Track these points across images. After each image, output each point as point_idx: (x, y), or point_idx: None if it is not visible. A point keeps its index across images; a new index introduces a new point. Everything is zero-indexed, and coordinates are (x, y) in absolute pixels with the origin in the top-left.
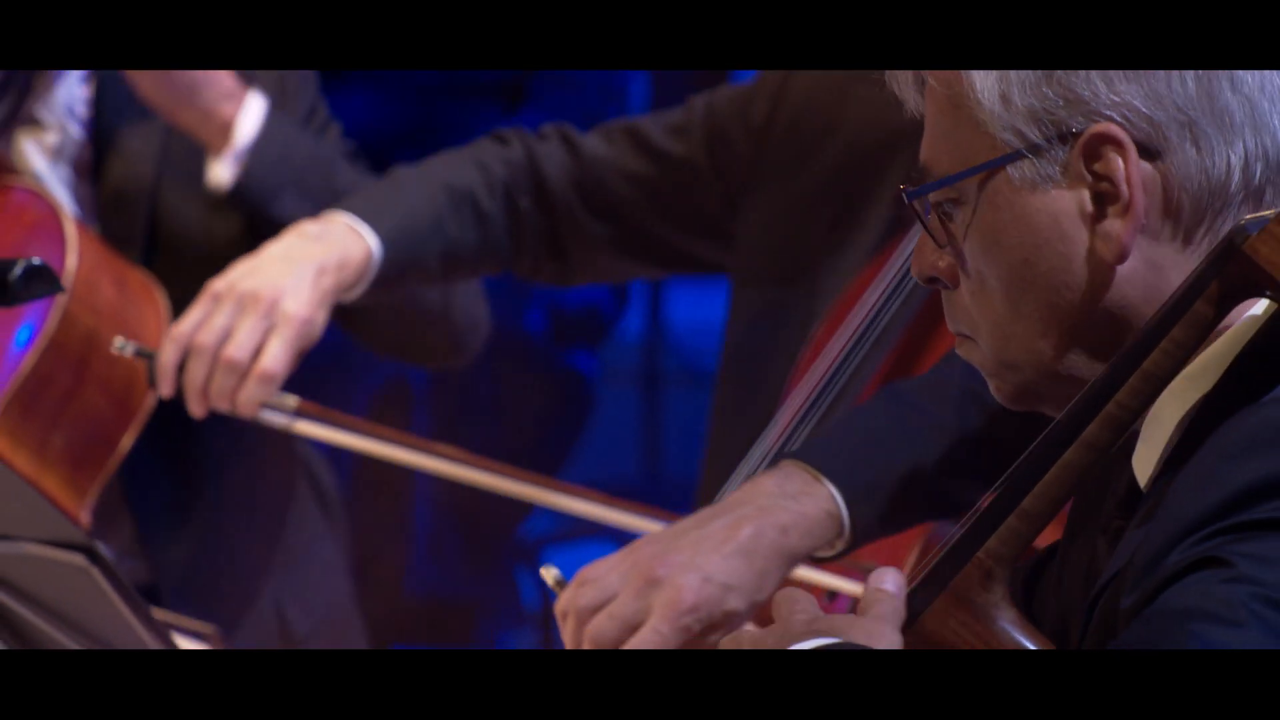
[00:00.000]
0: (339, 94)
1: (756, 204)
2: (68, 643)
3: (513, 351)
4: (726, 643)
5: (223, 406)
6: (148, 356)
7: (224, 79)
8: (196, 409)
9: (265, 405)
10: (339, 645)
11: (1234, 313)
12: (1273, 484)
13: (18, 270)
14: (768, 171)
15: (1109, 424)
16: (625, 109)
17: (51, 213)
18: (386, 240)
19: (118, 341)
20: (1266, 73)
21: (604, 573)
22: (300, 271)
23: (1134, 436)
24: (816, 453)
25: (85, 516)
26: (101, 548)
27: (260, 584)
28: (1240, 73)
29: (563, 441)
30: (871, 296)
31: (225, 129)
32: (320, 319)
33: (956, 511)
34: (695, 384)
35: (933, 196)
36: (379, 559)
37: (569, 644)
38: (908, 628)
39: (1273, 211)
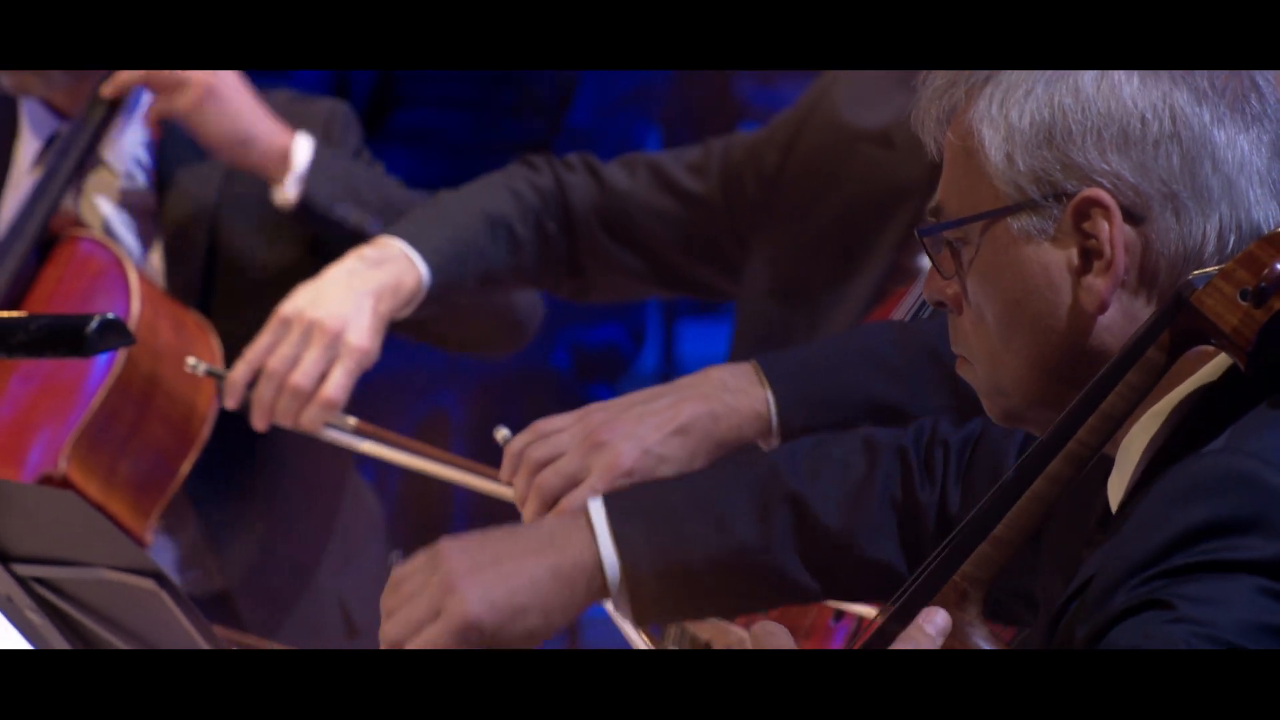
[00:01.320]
0: (380, 153)
1: (764, 244)
2: None
3: (541, 386)
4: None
5: (286, 424)
6: (218, 376)
7: (274, 124)
8: (260, 425)
9: (326, 424)
10: None
11: (1193, 359)
12: (1210, 527)
13: (94, 324)
14: (776, 216)
15: (1071, 460)
16: None
17: (116, 262)
18: (435, 266)
19: (190, 360)
20: (1246, 152)
21: (556, 430)
22: (361, 302)
23: (1110, 463)
24: (770, 360)
25: (149, 536)
26: (169, 574)
27: (323, 580)
28: (1222, 150)
29: None
30: None
31: (284, 159)
32: (378, 345)
33: None
34: None
35: (938, 236)
36: None
37: (518, 489)
38: (888, 644)
39: (1217, 268)
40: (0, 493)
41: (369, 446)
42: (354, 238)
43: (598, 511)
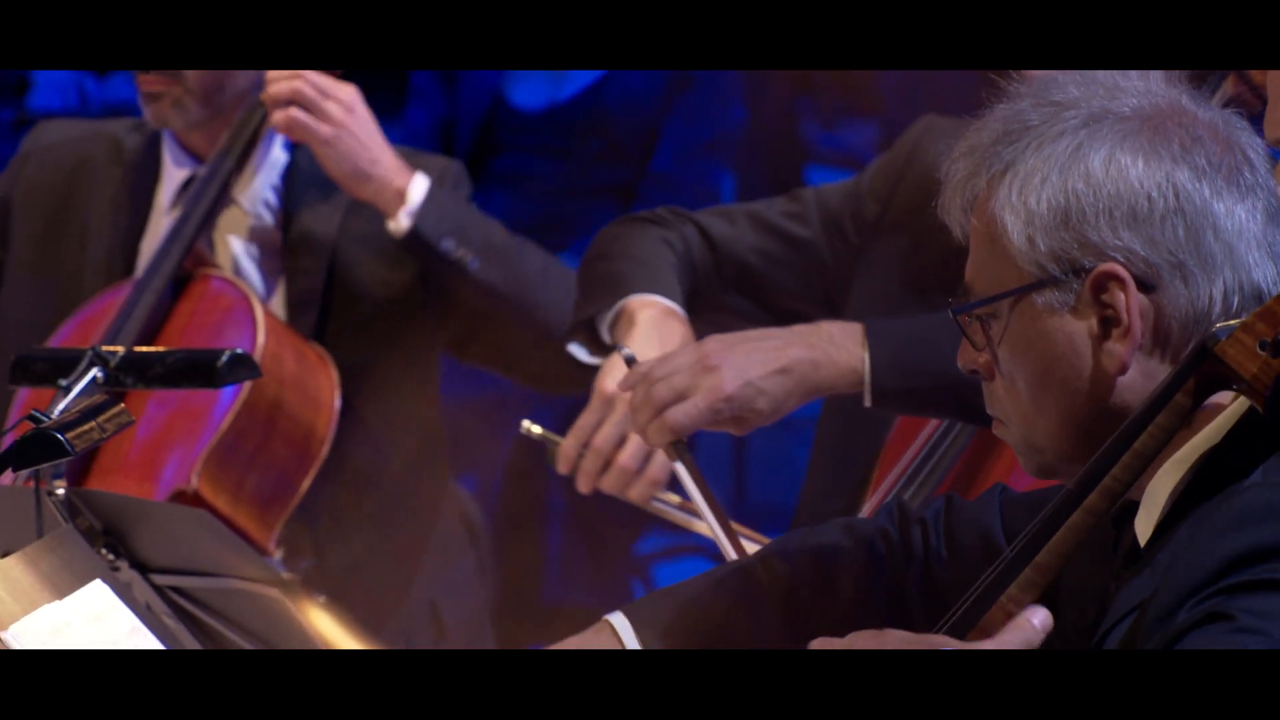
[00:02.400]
0: (479, 195)
1: (866, 285)
2: None
3: None
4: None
5: (611, 493)
6: (552, 443)
7: (396, 162)
8: (585, 490)
9: (653, 498)
10: (475, 641)
11: (1211, 404)
12: (1257, 552)
13: (224, 359)
14: (877, 261)
15: (1105, 494)
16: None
17: (244, 298)
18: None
19: (525, 423)
20: (1244, 221)
21: (676, 355)
22: None
23: (1135, 504)
24: (877, 324)
25: (272, 547)
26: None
27: (416, 580)
28: (1222, 220)
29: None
30: None
31: (400, 195)
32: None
33: (965, 417)
34: (775, 426)
35: (975, 312)
36: (521, 574)
37: (634, 397)
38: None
39: (1238, 321)
40: (139, 511)
41: (696, 523)
42: (455, 269)
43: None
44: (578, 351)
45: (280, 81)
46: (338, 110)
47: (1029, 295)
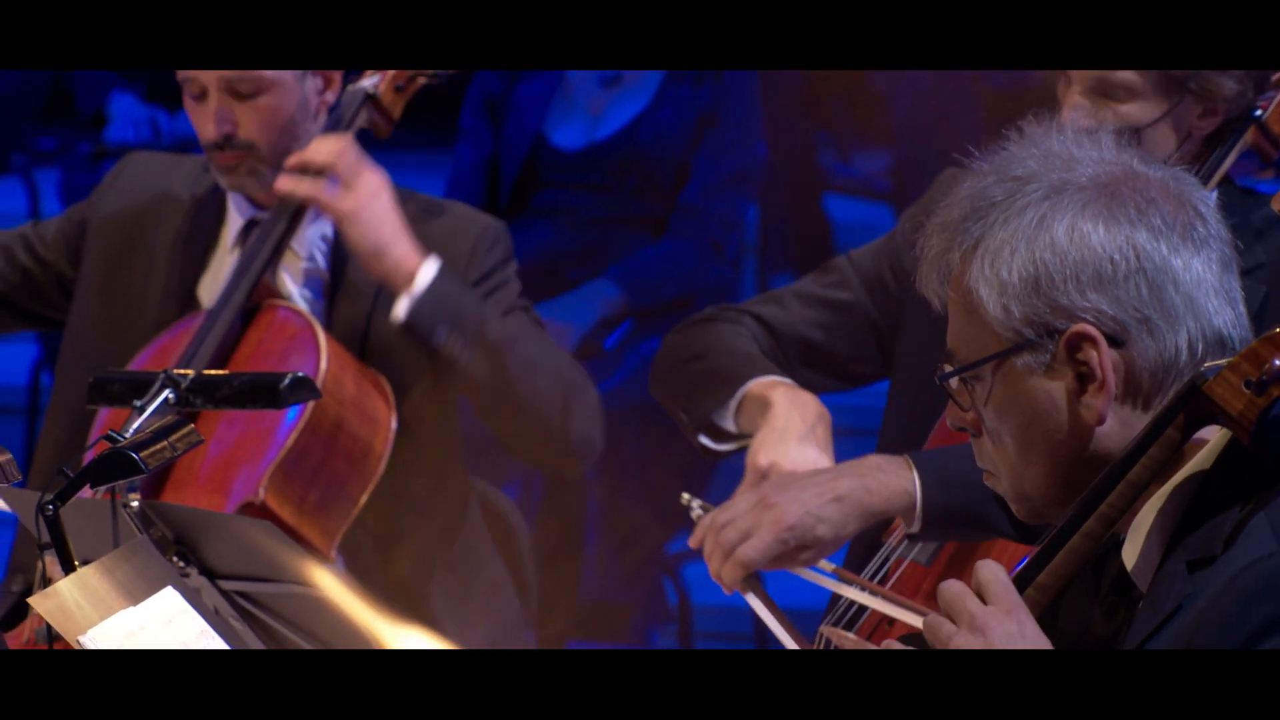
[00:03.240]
0: (523, 225)
1: (909, 333)
2: None
3: (661, 418)
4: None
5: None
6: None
7: (410, 245)
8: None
9: (813, 566)
10: (508, 641)
11: (1197, 439)
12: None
13: (286, 382)
14: (917, 308)
15: (1101, 520)
16: (743, 235)
17: (308, 326)
18: None
19: (685, 497)
20: (1201, 272)
21: (736, 501)
22: (822, 442)
23: (1121, 537)
24: (918, 455)
25: (333, 555)
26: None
27: (428, 588)
28: (1181, 274)
29: (705, 472)
30: None
31: (410, 278)
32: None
33: (1007, 532)
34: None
35: (956, 379)
36: (561, 573)
37: (706, 547)
38: None
39: (1225, 361)
40: (207, 522)
41: (846, 589)
42: (448, 357)
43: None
44: (707, 441)
45: (317, 153)
46: (365, 189)
47: (1008, 359)
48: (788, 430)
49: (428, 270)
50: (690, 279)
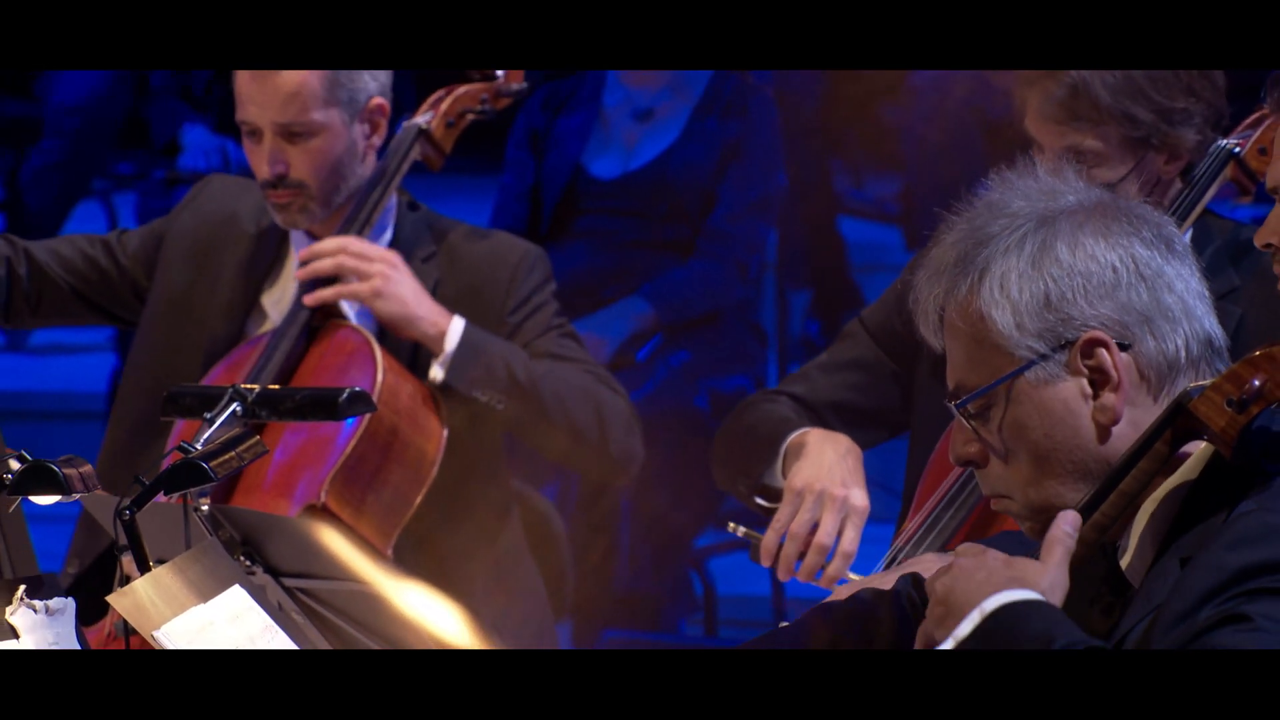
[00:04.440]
0: (562, 248)
1: (921, 374)
2: None
3: (688, 423)
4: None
5: (810, 579)
6: (755, 540)
7: (433, 309)
8: (784, 576)
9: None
10: (521, 637)
11: (1183, 452)
12: (1262, 565)
13: (344, 396)
14: (926, 349)
15: (1096, 527)
16: (764, 255)
17: (366, 343)
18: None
19: (731, 524)
20: (1188, 279)
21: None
22: (850, 465)
23: (1115, 543)
24: None
25: (388, 553)
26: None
27: (470, 586)
28: (1174, 280)
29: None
30: None
31: (440, 338)
32: (869, 502)
33: None
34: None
35: (971, 406)
36: (598, 566)
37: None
38: None
39: (1209, 381)
40: (272, 524)
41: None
42: (486, 408)
43: None
44: (763, 503)
45: (322, 261)
46: (381, 269)
47: (1022, 375)
48: (821, 458)
49: (454, 331)
50: (715, 297)
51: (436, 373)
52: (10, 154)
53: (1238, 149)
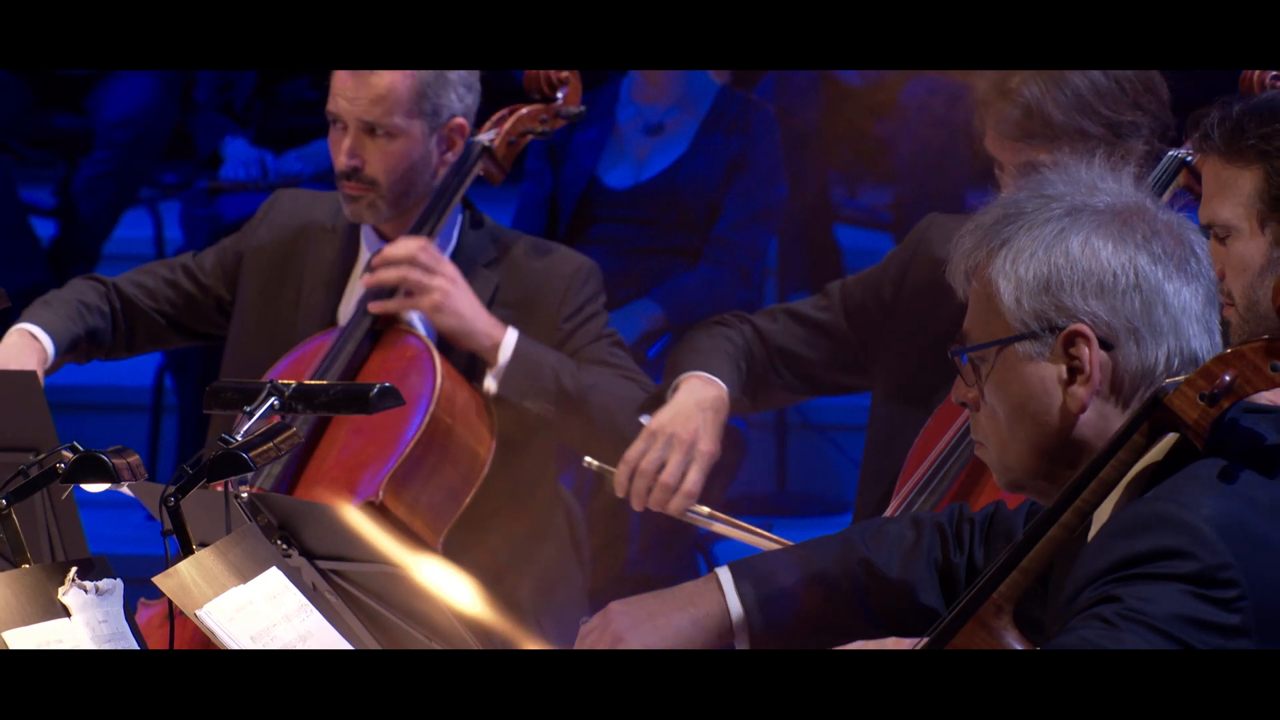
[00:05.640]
0: (582, 252)
1: (888, 353)
2: (419, 636)
3: None
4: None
5: (656, 509)
6: (608, 472)
7: (489, 321)
8: (638, 507)
9: (688, 510)
10: (564, 622)
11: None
12: (1146, 553)
13: (375, 391)
14: (896, 332)
15: (1076, 513)
16: (765, 260)
17: (426, 349)
18: (729, 384)
19: (588, 459)
20: (1188, 300)
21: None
22: (707, 417)
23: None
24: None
25: (439, 547)
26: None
27: (517, 579)
28: (1171, 298)
29: (729, 469)
30: (958, 423)
31: (495, 349)
32: (719, 448)
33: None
34: (812, 432)
35: (969, 355)
36: (610, 550)
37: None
38: (947, 644)
39: (1184, 378)
40: (306, 510)
41: (718, 526)
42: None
43: (725, 575)
44: (645, 420)
45: (388, 271)
46: (444, 282)
47: (1013, 345)
48: (681, 405)
49: (508, 343)
50: (721, 300)
51: (490, 384)
52: (63, 164)
53: (1190, 158)
